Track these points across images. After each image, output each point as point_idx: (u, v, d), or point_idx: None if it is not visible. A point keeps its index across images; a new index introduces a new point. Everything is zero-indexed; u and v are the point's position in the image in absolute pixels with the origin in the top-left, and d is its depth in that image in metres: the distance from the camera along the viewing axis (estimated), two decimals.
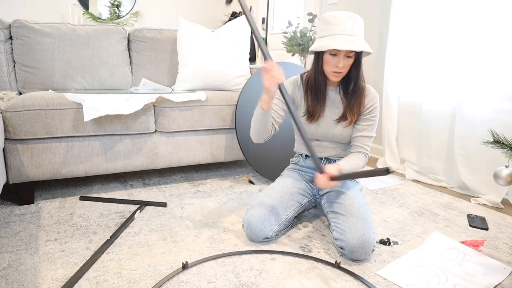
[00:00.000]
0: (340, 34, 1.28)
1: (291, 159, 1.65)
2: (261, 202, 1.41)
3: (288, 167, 1.65)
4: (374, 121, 1.45)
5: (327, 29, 1.32)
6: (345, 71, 1.36)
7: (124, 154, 1.79)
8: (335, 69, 1.34)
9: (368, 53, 1.37)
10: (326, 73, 1.39)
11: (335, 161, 1.51)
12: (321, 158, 1.53)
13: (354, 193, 1.41)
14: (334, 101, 1.47)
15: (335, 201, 1.40)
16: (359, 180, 1.62)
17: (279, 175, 1.63)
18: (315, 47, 1.34)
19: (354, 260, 1.28)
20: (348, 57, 1.32)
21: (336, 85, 1.46)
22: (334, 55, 1.32)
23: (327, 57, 1.34)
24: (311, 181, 1.54)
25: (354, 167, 1.37)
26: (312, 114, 1.46)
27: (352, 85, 1.41)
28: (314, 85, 1.44)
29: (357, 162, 1.40)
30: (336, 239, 1.31)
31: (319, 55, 1.38)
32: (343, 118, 1.45)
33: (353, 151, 1.45)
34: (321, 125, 1.47)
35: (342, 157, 1.51)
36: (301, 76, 1.52)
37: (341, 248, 1.29)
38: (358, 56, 1.35)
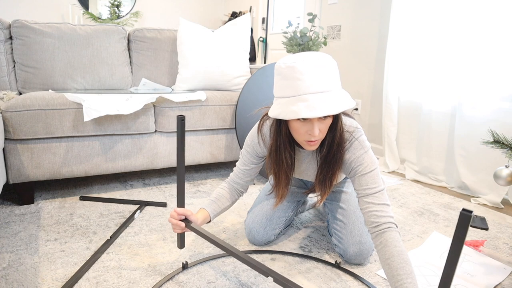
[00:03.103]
0: (309, 94, 0.91)
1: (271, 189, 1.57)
2: (262, 207, 1.39)
3: None
4: (370, 172, 1.06)
5: (288, 87, 0.94)
6: (322, 136, 1.02)
7: (124, 154, 1.79)
8: (308, 138, 1.00)
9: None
10: (299, 142, 1.06)
11: None
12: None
13: (353, 191, 1.39)
14: (309, 165, 1.21)
15: (334, 202, 1.39)
16: None
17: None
18: (276, 113, 0.97)
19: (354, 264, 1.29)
20: (324, 118, 0.98)
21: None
22: (305, 119, 0.98)
23: (295, 125, 1.00)
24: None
25: (407, 267, 0.91)
26: (276, 194, 1.22)
27: (325, 152, 1.08)
28: (277, 157, 1.13)
29: (400, 255, 0.94)
30: (335, 245, 1.32)
31: (281, 123, 1.06)
32: (312, 190, 1.23)
33: (376, 232, 1.01)
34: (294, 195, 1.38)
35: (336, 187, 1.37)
36: (261, 128, 1.19)
37: (340, 254, 1.30)
38: (336, 115, 1.03)
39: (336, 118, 1.04)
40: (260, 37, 4.47)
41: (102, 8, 4.72)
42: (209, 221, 1.21)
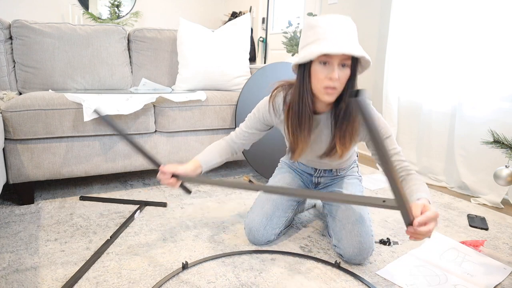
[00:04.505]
0: (331, 36, 1.01)
1: (287, 149, 1.58)
2: (262, 206, 1.39)
3: (283, 158, 1.59)
4: (390, 136, 1.16)
5: (312, 35, 1.04)
6: (340, 86, 1.07)
7: (124, 154, 1.79)
8: (328, 83, 1.05)
9: (364, 67, 1.12)
10: (317, 92, 1.10)
11: (330, 171, 1.44)
12: (316, 169, 1.45)
13: (351, 192, 1.39)
14: (323, 129, 1.24)
15: (332, 204, 1.39)
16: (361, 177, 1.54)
17: (278, 167, 1.58)
18: (301, 57, 1.05)
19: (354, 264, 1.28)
20: (344, 66, 1.05)
21: (327, 109, 1.21)
22: (325, 63, 1.04)
23: (316, 68, 1.06)
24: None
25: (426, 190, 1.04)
26: (294, 150, 1.24)
27: (344, 107, 1.13)
28: (298, 111, 1.16)
29: (419, 184, 1.06)
30: (334, 246, 1.31)
31: (304, 70, 1.10)
32: (330, 150, 1.22)
33: (406, 178, 1.13)
34: (308, 158, 1.34)
35: (339, 167, 1.41)
36: (275, 96, 1.26)
37: (339, 254, 1.29)
38: (354, 67, 1.08)
39: (353, 74, 1.09)
40: (260, 37, 4.47)
41: (102, 8, 4.72)
42: (201, 172, 1.25)
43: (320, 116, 1.22)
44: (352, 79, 1.09)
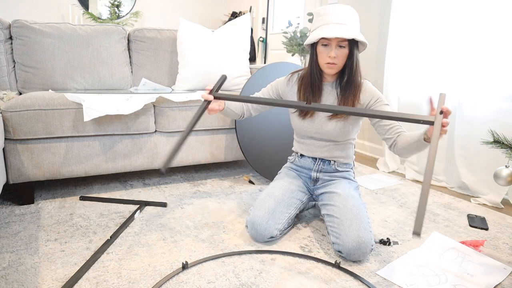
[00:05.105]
0: (331, 23, 1.28)
1: (288, 157, 1.64)
2: (264, 202, 1.40)
3: (285, 165, 1.64)
4: (389, 105, 1.38)
5: (318, 21, 1.33)
6: (339, 62, 1.33)
7: (124, 154, 1.79)
8: (328, 60, 1.32)
9: (364, 45, 1.34)
10: (321, 66, 1.37)
11: (329, 162, 1.50)
12: (315, 158, 1.52)
13: (348, 193, 1.40)
14: (329, 96, 1.44)
15: (329, 203, 1.40)
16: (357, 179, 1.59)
17: (278, 173, 1.63)
18: (308, 40, 1.35)
19: (354, 261, 1.28)
20: (341, 46, 1.30)
21: (332, 80, 1.44)
22: (326, 45, 1.31)
23: (320, 49, 1.34)
24: (313, 179, 1.53)
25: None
26: (307, 112, 1.45)
27: (346, 78, 1.38)
28: (310, 79, 1.43)
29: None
30: (333, 243, 1.31)
31: (313, 50, 1.38)
32: (336, 113, 1.41)
33: (399, 137, 1.31)
34: (315, 121, 1.45)
35: (337, 158, 1.49)
36: (293, 74, 1.53)
37: (339, 251, 1.29)
38: (351, 47, 1.31)
39: (351, 52, 1.32)
40: (260, 37, 4.47)
41: (102, 8, 4.72)
42: (223, 108, 1.43)
43: (327, 83, 1.45)
44: (350, 55, 1.33)
